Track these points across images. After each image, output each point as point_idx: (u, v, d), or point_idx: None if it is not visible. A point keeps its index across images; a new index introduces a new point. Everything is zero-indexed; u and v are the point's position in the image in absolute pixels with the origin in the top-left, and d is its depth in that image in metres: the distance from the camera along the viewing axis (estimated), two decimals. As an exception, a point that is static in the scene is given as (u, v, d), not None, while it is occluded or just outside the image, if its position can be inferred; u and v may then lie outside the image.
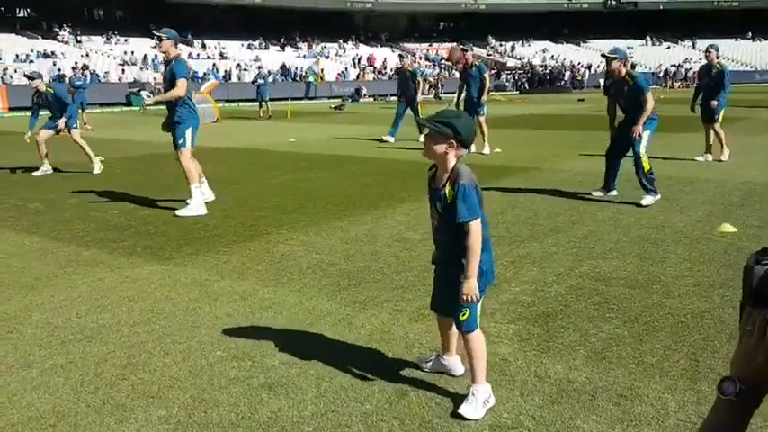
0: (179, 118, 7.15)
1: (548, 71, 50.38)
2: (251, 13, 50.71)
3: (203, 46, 44.89)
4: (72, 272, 5.04)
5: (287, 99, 27.61)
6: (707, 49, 10.64)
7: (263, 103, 23.43)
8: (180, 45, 7.33)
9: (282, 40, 50.15)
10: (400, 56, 12.62)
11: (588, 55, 54.36)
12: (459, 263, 2.82)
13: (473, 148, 12.63)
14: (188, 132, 7.20)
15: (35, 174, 10.13)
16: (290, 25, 51.12)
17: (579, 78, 49.27)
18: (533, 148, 12.77)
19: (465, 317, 2.89)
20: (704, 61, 10.78)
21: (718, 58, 10.50)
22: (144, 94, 33.03)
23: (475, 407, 2.82)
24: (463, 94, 12.39)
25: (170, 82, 7.03)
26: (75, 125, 10.27)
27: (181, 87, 6.94)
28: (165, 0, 44.90)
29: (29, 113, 10.77)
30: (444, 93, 38.59)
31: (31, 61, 34.92)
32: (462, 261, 2.80)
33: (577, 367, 3.29)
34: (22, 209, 7.50)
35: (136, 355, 3.51)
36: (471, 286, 2.80)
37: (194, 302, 4.33)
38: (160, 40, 7.08)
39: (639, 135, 7.06)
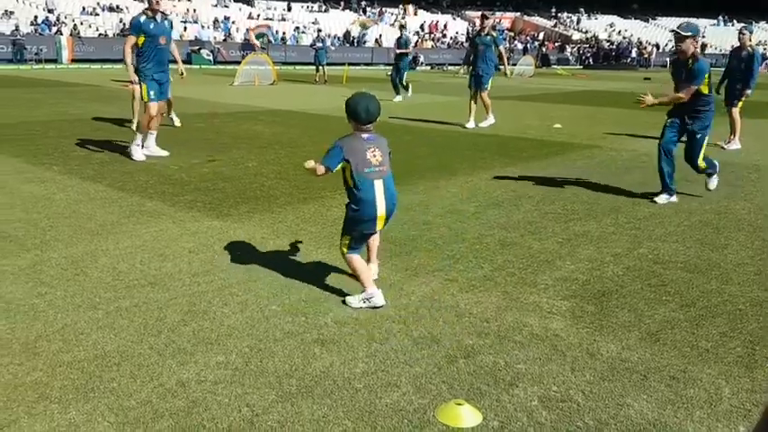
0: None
1: (614, 47, 48.78)
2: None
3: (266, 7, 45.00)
4: (135, 221, 5.23)
5: (344, 64, 27.56)
6: (740, 30, 10.15)
7: (320, 67, 23.46)
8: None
9: (343, 3, 49.84)
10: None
11: (657, 32, 52.34)
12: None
13: (473, 122, 12.27)
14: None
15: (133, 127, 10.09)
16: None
17: (646, 56, 47.57)
18: (595, 125, 12.47)
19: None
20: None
21: (750, 40, 10.00)
22: (204, 52, 33.57)
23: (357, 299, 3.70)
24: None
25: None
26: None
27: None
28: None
29: (94, 66, 11.04)
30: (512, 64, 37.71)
31: (97, 14, 35.73)
32: None
33: (630, 347, 3.27)
34: (88, 159, 7.78)
35: (196, 304, 3.65)
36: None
37: (251, 258, 4.44)
38: None
39: (701, 135, 6.21)
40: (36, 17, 32.40)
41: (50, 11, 34.08)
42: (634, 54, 48.23)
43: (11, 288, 3.77)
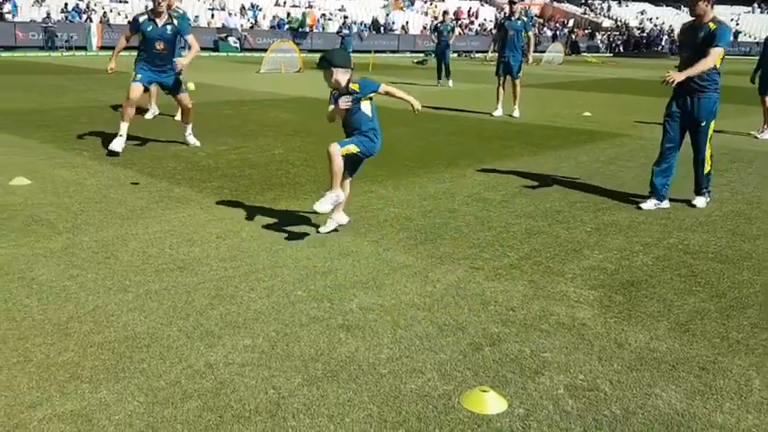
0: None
1: (644, 34, 47.88)
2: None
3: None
4: (164, 206, 5.30)
5: (370, 52, 27.49)
6: None
7: (347, 54, 23.42)
8: None
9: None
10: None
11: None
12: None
13: (500, 110, 12.15)
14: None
15: (146, 117, 10.07)
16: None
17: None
18: (625, 113, 12.28)
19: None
20: None
21: None
22: (231, 40, 33.73)
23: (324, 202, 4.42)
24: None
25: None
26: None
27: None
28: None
29: (123, 53, 11.09)
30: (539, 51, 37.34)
31: (126, 2, 36.05)
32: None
33: (659, 337, 3.23)
34: (119, 144, 7.87)
35: (224, 288, 3.69)
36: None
37: (277, 244, 4.47)
38: None
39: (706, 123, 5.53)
40: (66, 5, 32.82)
41: (81, -1, 34.49)
42: (665, 42, 47.31)
43: (43, 270, 3.85)
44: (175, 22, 7.46)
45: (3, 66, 20.57)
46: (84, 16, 32.39)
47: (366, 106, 4.53)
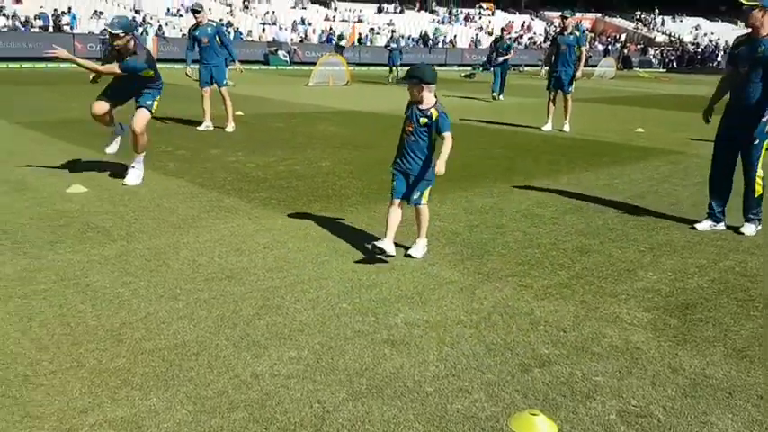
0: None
1: (699, 50, 46.74)
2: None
3: (335, 8, 45.65)
4: (214, 216, 5.38)
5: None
6: None
7: (394, 67, 23.55)
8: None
9: (418, 4, 49.85)
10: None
11: (744, 33, 49.75)
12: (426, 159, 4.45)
13: (550, 125, 11.93)
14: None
15: (199, 128, 10.26)
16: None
17: (733, 59, 45.28)
18: (678, 130, 11.97)
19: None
20: None
21: None
22: (281, 53, 34.33)
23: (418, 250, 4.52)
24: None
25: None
26: (224, 82, 10.43)
27: None
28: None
29: (176, 66, 11.35)
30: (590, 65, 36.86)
31: (181, 15, 37.09)
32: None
33: (715, 363, 3.10)
34: (171, 155, 8.06)
35: (270, 299, 3.71)
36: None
37: (323, 256, 4.49)
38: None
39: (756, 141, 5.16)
40: (125, 18, 33.96)
41: (137, 11, 35.66)
42: (721, 58, 46.05)
43: (98, 277, 3.95)
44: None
45: (62, 76, 21.39)
46: (141, 29, 33.46)
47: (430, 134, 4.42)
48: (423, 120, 4.35)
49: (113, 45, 6.26)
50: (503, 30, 20.13)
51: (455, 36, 44.21)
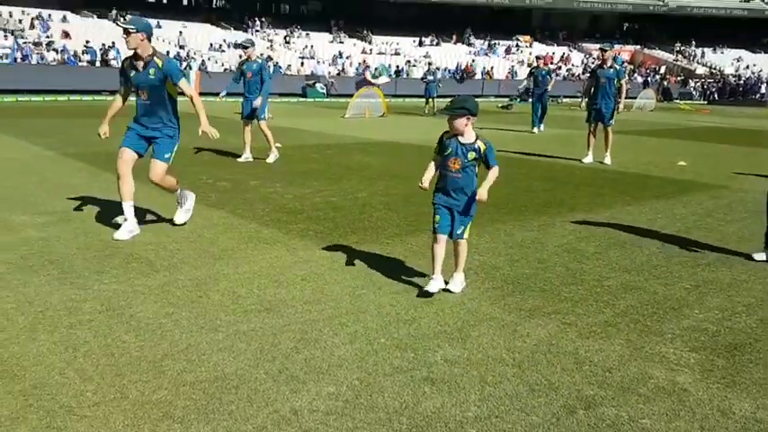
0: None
1: (741, 81, 45.99)
2: (425, 10, 51.51)
3: (369, 41, 46.35)
4: (253, 247, 5.44)
5: (454, 96, 27.67)
6: None
7: (431, 99, 23.72)
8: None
9: (455, 36, 50.30)
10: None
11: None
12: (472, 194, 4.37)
13: (590, 157, 11.71)
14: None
15: (239, 160, 10.48)
16: (463, 22, 51.15)
17: (777, 91, 44.43)
18: (722, 163, 11.72)
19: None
20: None
21: None
22: (318, 86, 34.92)
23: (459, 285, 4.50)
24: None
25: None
26: (263, 116, 10.58)
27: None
28: (347, -3, 47.04)
29: (217, 98, 11.67)
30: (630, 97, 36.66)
31: (223, 50, 38.13)
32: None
33: (766, 406, 2.99)
34: (212, 186, 8.21)
35: (308, 332, 3.71)
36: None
37: (360, 289, 4.48)
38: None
39: None
40: (168, 52, 35.04)
41: (182, 47, 36.78)
42: (764, 89, 45.21)
43: (141, 307, 4.01)
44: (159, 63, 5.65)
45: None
46: (185, 63, 34.46)
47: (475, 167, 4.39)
48: (471, 154, 4.30)
49: (128, 47, 5.55)
50: (538, 58, 19.96)
51: (492, 68, 44.38)
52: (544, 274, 4.94)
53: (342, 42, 45.18)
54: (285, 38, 43.15)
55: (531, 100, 18.33)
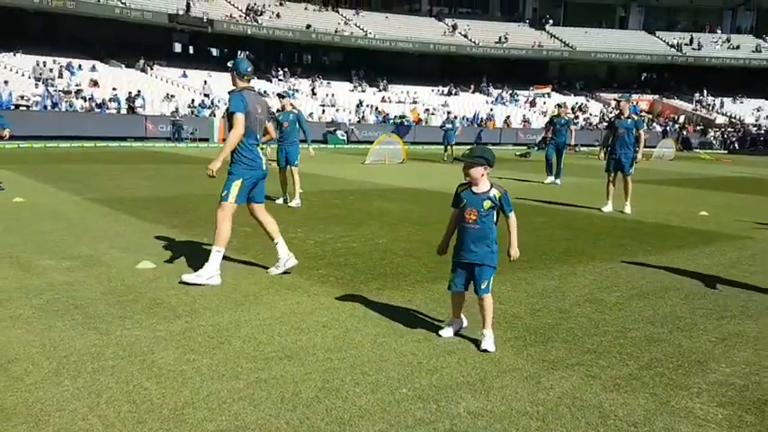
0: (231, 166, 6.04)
1: (762, 131, 45.86)
2: (442, 60, 52.50)
3: (384, 88, 47.10)
4: (274, 293, 5.46)
5: (472, 143, 27.94)
6: None
7: (449, 146, 23.95)
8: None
9: (472, 86, 51.02)
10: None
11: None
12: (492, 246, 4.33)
13: (610, 206, 11.61)
14: (235, 184, 5.95)
15: (277, 202, 10.90)
16: (480, 72, 51.97)
17: (798, 140, 44.21)
18: (744, 213, 11.61)
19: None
20: None
21: None
22: (339, 133, 35.48)
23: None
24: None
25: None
26: (296, 162, 11.04)
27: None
28: (367, 49, 48.13)
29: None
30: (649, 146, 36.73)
31: (247, 99, 38.91)
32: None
33: (803, 469, 2.88)
34: (234, 231, 8.26)
35: (329, 381, 3.69)
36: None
37: (381, 336, 4.46)
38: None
39: None
40: (193, 100, 35.93)
41: (206, 95, 37.67)
42: (785, 138, 45.04)
43: (163, 354, 4.02)
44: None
45: (134, 155, 22.56)
46: (209, 111, 35.24)
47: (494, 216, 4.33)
48: (487, 203, 4.24)
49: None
50: (558, 106, 18.52)
51: (508, 116, 44.80)
52: (566, 324, 4.89)
53: (363, 91, 46.04)
54: (311, 88, 44.08)
55: (546, 149, 17.01)
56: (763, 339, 4.66)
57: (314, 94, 43.30)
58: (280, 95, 11.58)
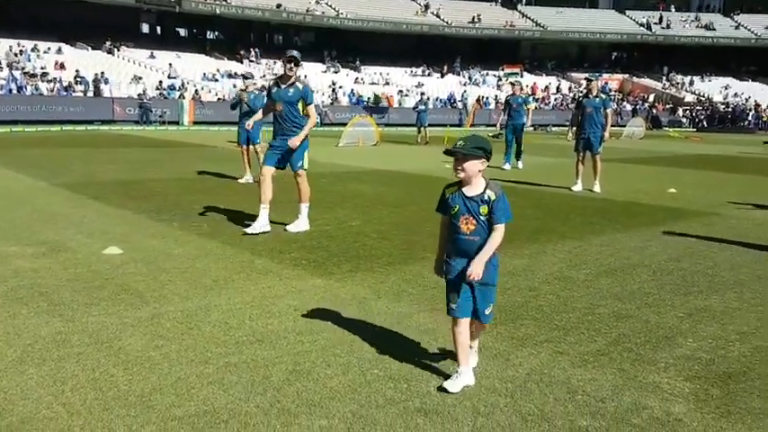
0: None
1: (729, 109, 46.63)
2: (415, 41, 52.23)
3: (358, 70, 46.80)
4: (245, 277, 5.41)
5: (445, 125, 27.95)
6: None
7: (422, 128, 23.92)
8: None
9: (445, 67, 50.87)
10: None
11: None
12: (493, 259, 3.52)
13: (580, 185, 11.69)
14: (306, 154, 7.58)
15: (239, 181, 11.41)
16: (453, 53, 51.85)
17: (765, 119, 45.05)
18: (712, 190, 11.82)
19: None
20: None
21: None
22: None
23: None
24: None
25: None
26: (258, 140, 11.46)
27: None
28: (339, 28, 47.64)
29: (212, 128, 12.02)
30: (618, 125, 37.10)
31: (216, 80, 38.40)
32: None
33: (765, 439, 2.96)
34: (205, 216, 8.20)
35: (300, 363, 3.67)
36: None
37: (353, 318, 4.45)
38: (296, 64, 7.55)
39: None
40: (161, 82, 35.28)
41: (172, 77, 37.02)
42: (752, 117, 45.84)
43: (130, 340, 3.97)
44: (299, 86, 7.71)
45: (101, 139, 22.13)
46: (178, 93, 34.66)
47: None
48: (484, 208, 3.37)
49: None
50: (513, 85, 16.33)
51: (482, 97, 44.86)
52: (536, 302, 4.93)
53: (336, 72, 45.64)
54: (280, 67, 43.50)
55: (504, 131, 15.67)
56: (729, 313, 4.76)
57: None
58: (244, 76, 12.17)
